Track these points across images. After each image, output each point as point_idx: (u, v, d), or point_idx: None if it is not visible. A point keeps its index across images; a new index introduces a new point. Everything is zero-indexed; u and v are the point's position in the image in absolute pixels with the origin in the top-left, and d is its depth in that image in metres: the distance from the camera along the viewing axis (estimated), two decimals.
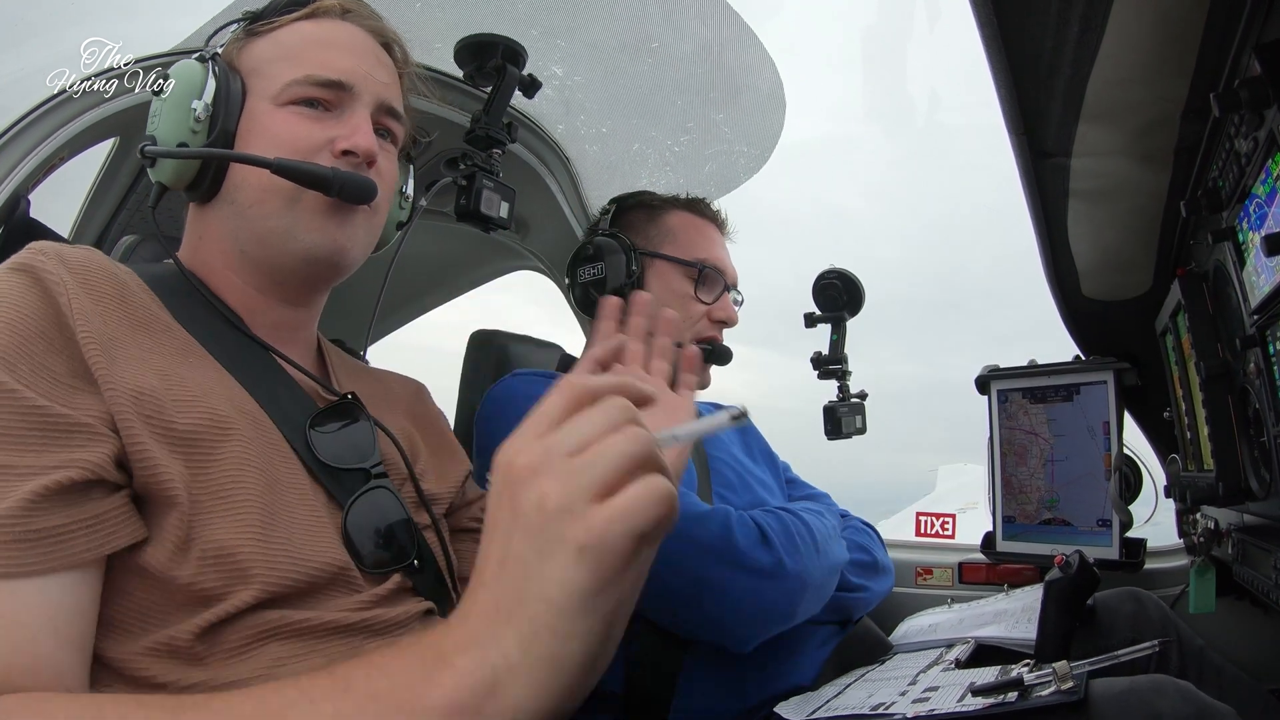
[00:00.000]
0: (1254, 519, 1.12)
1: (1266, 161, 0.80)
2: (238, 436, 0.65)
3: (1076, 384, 1.57)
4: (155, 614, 0.59)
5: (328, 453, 0.73)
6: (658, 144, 1.60)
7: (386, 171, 0.83)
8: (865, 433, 1.63)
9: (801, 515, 1.12)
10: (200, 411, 0.64)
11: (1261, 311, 0.88)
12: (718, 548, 0.99)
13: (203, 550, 0.59)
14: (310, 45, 0.80)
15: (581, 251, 1.35)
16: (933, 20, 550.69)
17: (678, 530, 1.00)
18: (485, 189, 1.26)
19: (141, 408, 0.60)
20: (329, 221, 0.76)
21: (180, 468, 0.60)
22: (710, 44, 1.35)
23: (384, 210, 0.85)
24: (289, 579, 0.63)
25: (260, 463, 0.66)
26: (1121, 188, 1.11)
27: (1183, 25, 0.80)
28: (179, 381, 0.65)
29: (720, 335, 1.34)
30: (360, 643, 0.65)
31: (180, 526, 0.59)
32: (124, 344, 0.64)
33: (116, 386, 0.60)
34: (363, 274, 1.00)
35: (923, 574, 1.73)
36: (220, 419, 0.65)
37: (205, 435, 0.63)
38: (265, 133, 0.76)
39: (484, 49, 1.27)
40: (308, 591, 0.64)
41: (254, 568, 0.61)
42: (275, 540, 0.63)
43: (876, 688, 1.05)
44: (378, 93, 0.81)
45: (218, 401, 0.66)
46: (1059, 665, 0.83)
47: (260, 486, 0.64)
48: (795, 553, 1.04)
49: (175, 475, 0.59)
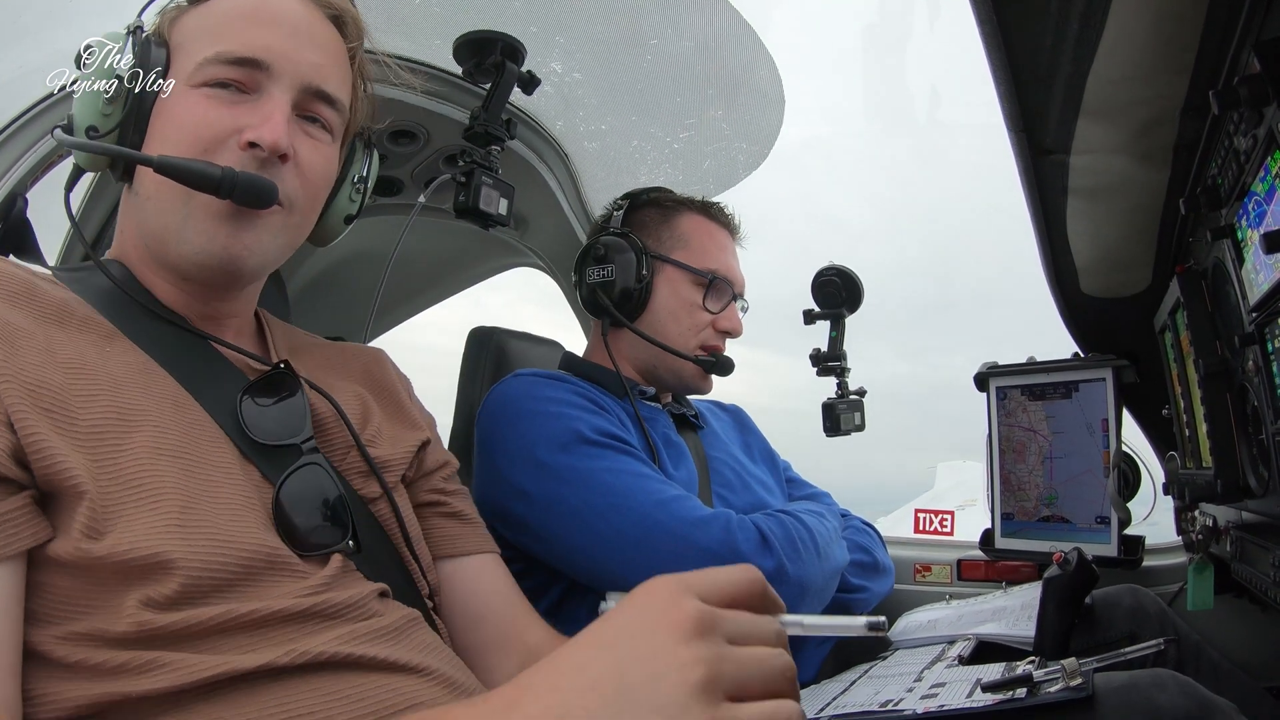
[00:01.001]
0: (1252, 516, 1.12)
1: (1266, 159, 0.80)
2: (148, 426, 0.62)
3: (1075, 381, 1.57)
4: (78, 603, 0.56)
5: (260, 428, 0.69)
6: (657, 140, 1.60)
7: (310, 165, 0.74)
8: (864, 430, 1.63)
9: (802, 518, 1.12)
10: (104, 404, 0.61)
11: (1260, 309, 0.88)
12: (718, 552, 0.99)
13: (113, 544, 0.56)
14: (234, 18, 0.72)
15: (591, 250, 1.32)
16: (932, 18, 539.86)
17: (678, 534, 1.01)
18: (484, 185, 1.26)
19: (39, 400, 0.57)
20: (221, 226, 0.69)
21: (84, 460, 0.57)
22: (709, 41, 1.35)
23: (309, 209, 0.77)
24: (214, 564, 0.59)
25: (176, 449, 0.62)
26: (1121, 185, 1.11)
27: (1182, 22, 0.80)
28: (89, 375, 0.62)
29: (723, 345, 1.34)
30: (314, 628, 0.62)
31: (90, 515, 0.56)
32: (29, 336, 0.60)
33: (13, 378, 0.57)
34: (361, 270, 1.00)
35: (921, 571, 1.73)
36: (127, 410, 0.62)
37: (110, 428, 0.60)
38: (172, 119, 0.70)
39: (483, 45, 1.27)
40: (243, 579, 0.60)
41: (174, 555, 0.57)
42: (195, 525, 0.60)
43: (882, 684, 1.05)
44: (302, 75, 0.72)
45: (131, 392, 0.63)
46: (1067, 662, 0.84)
47: (176, 472, 0.61)
48: (796, 557, 1.04)
49: (77, 466, 0.56)
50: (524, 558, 1.13)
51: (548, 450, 1.08)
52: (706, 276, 1.31)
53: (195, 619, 0.57)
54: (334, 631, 0.63)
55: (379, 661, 0.63)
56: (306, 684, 0.59)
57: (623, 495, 1.04)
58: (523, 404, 1.14)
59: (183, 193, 0.68)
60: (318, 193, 0.79)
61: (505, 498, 1.10)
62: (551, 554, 1.08)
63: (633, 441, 1.14)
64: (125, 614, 0.56)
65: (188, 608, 0.58)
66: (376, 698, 0.61)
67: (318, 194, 0.79)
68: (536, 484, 1.07)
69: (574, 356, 1.40)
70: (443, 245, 1.96)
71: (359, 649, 0.62)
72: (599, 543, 1.03)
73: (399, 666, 0.64)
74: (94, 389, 0.61)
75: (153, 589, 0.56)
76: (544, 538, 1.07)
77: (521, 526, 1.09)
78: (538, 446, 1.09)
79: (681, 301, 1.31)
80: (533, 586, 1.14)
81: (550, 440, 1.09)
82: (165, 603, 0.57)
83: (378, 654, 0.63)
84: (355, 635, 0.63)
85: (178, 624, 0.57)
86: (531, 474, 1.08)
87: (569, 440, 1.08)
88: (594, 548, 1.03)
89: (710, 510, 1.05)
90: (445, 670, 0.68)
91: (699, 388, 1.35)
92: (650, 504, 1.03)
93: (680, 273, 1.31)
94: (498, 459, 1.12)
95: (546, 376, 1.21)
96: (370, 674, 0.62)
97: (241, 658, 0.58)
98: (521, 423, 1.12)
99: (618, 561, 1.02)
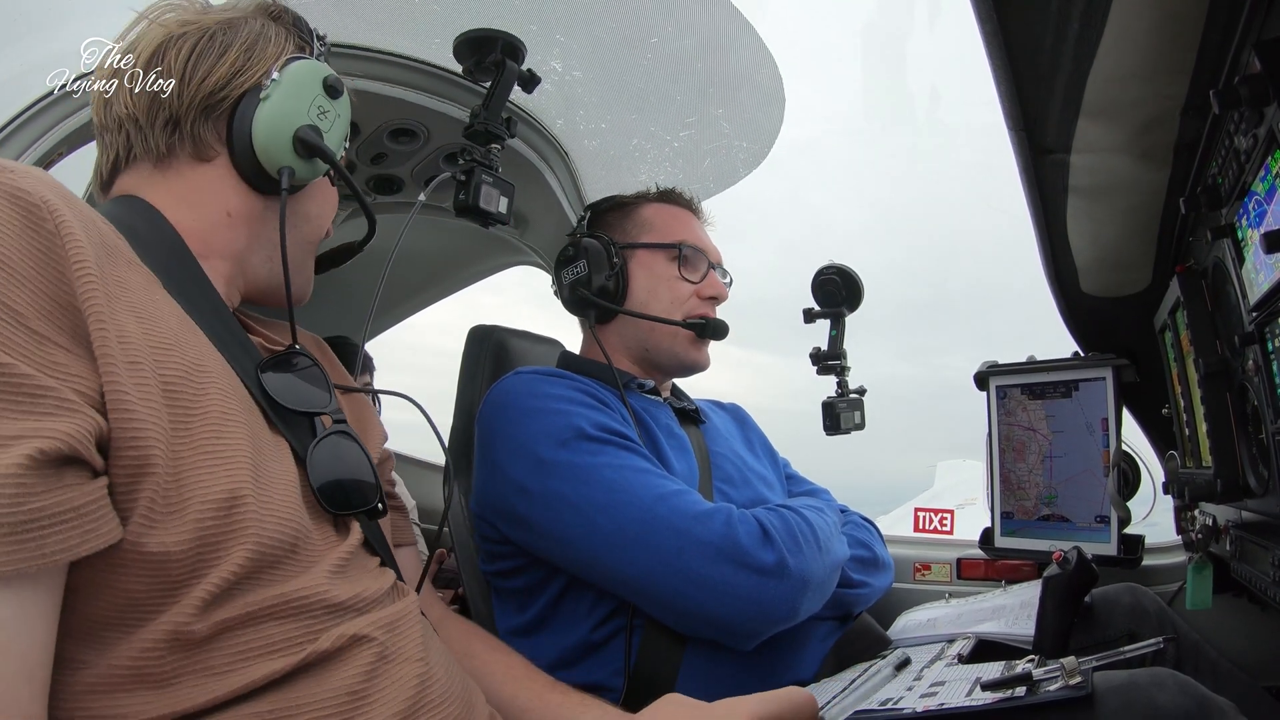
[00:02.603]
0: (1252, 516, 1.12)
1: (1266, 159, 0.80)
2: (215, 387, 0.59)
3: (1075, 380, 1.57)
4: (149, 602, 0.52)
5: (286, 396, 0.69)
6: (657, 139, 1.60)
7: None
8: (864, 428, 1.63)
9: (803, 513, 1.13)
10: (178, 359, 0.57)
11: (1260, 308, 0.88)
12: (720, 546, 1.00)
13: (199, 508, 0.53)
14: None
15: (563, 254, 1.37)
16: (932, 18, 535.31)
17: (679, 528, 1.01)
18: (484, 184, 1.26)
19: (126, 353, 0.53)
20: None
21: (163, 423, 0.53)
22: (709, 39, 1.35)
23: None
24: (274, 539, 0.58)
25: (239, 415, 0.61)
26: (1121, 184, 1.11)
27: (1183, 22, 0.80)
28: (155, 324, 0.58)
29: (713, 311, 1.35)
30: (350, 621, 0.62)
31: (156, 496, 0.52)
32: (106, 275, 0.55)
33: (108, 327, 0.52)
34: (361, 269, 1.00)
35: (921, 570, 1.73)
36: (197, 367, 0.59)
37: (184, 387, 0.57)
38: None
39: (483, 44, 1.27)
40: (286, 556, 0.60)
41: (250, 525, 0.56)
42: (263, 498, 0.59)
43: (882, 683, 1.05)
44: None
45: (194, 347, 0.60)
46: (1067, 661, 0.84)
47: (244, 439, 0.59)
48: (798, 551, 1.04)
49: (153, 431, 0.52)
50: (524, 554, 1.13)
51: (548, 447, 1.08)
52: (675, 247, 1.34)
53: (251, 605, 0.57)
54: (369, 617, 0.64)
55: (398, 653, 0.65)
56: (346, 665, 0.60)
57: (623, 490, 1.04)
58: (523, 401, 1.14)
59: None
60: None
61: (506, 495, 1.10)
62: (552, 550, 1.09)
63: (633, 436, 1.14)
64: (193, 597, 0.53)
65: (250, 591, 0.57)
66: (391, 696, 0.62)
67: None
68: (537, 480, 1.07)
69: (571, 355, 1.41)
70: (443, 243, 1.96)
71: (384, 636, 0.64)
72: (599, 538, 1.03)
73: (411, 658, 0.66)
74: (166, 339, 0.57)
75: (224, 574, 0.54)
76: (544, 534, 1.08)
77: (522, 523, 1.09)
78: (538, 443, 1.09)
79: (659, 278, 1.33)
80: (532, 583, 1.14)
81: (551, 436, 1.09)
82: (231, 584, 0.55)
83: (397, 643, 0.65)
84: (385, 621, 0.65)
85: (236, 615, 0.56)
86: (532, 471, 1.08)
87: (569, 436, 1.09)
88: (594, 543, 1.04)
89: (711, 505, 1.06)
90: (442, 662, 0.70)
91: (695, 360, 1.35)
92: (651, 499, 1.03)
93: (651, 253, 1.35)
94: (498, 456, 1.12)
95: (547, 374, 1.21)
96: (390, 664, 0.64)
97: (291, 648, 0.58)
98: (522, 420, 1.12)
99: (618, 556, 1.02)
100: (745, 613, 0.99)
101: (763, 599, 0.99)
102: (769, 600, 1.00)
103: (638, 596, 1.04)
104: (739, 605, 0.99)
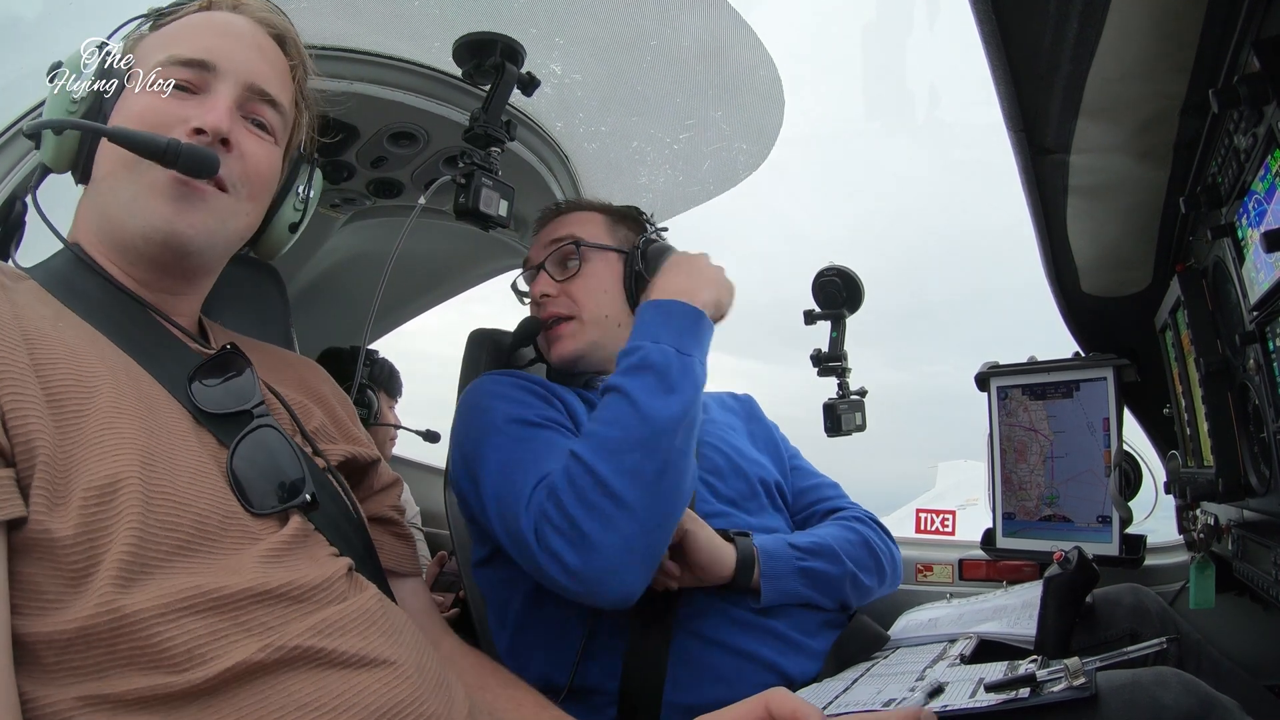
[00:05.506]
0: (1254, 515, 1.12)
1: (1266, 158, 0.80)
2: (105, 390, 0.64)
3: (1076, 380, 1.57)
4: (49, 592, 0.57)
5: (211, 402, 0.72)
6: (656, 141, 1.60)
7: (252, 155, 0.79)
8: (865, 430, 1.63)
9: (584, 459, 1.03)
10: (63, 370, 0.63)
11: (1261, 307, 0.88)
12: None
13: (83, 494, 0.58)
14: (185, 29, 0.80)
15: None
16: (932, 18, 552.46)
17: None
18: (484, 187, 1.26)
19: (9, 372, 0.60)
20: (168, 204, 0.73)
21: (49, 425, 0.59)
22: (709, 41, 1.35)
23: (251, 197, 0.81)
24: (169, 522, 0.61)
25: (135, 410, 0.65)
26: (1121, 184, 1.11)
27: (1182, 21, 0.80)
28: (47, 343, 0.64)
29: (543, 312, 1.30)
30: (285, 613, 0.63)
31: (47, 481, 0.57)
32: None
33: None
34: (361, 273, 1.00)
35: (923, 570, 1.73)
36: (86, 376, 0.64)
37: (71, 393, 0.62)
38: (128, 114, 0.75)
39: (482, 47, 1.27)
40: (199, 540, 0.62)
41: (134, 507, 0.59)
42: (155, 483, 0.61)
43: (884, 683, 1.05)
44: (245, 74, 0.78)
45: (87, 359, 0.66)
46: (1070, 661, 0.84)
47: (135, 430, 0.63)
48: (582, 539, 0.96)
49: (41, 427, 0.58)
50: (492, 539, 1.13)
51: (494, 431, 1.11)
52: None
53: (165, 595, 0.58)
54: (307, 621, 0.63)
55: (352, 658, 0.64)
56: (282, 689, 0.60)
57: (517, 464, 1.05)
58: (480, 400, 1.17)
59: (132, 170, 0.73)
60: (261, 183, 0.82)
61: (462, 484, 1.13)
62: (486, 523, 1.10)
63: (570, 428, 1.16)
64: (95, 595, 0.56)
65: (156, 574, 0.58)
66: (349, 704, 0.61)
67: (261, 184, 0.82)
68: (479, 461, 1.09)
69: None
70: (442, 247, 1.96)
71: (333, 643, 0.63)
72: (492, 503, 1.05)
73: (371, 661, 0.65)
74: (53, 356, 0.64)
75: (116, 558, 0.57)
76: (478, 510, 1.10)
77: (475, 507, 1.11)
78: (487, 431, 1.12)
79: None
80: (510, 575, 1.14)
81: (496, 424, 1.12)
82: (129, 570, 0.57)
83: (351, 649, 0.64)
84: (329, 625, 0.64)
85: (149, 605, 0.57)
86: (479, 454, 1.10)
87: (510, 421, 1.11)
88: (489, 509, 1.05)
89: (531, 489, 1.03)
90: (414, 658, 0.69)
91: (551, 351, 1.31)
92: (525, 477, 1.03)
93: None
94: (460, 451, 1.15)
95: (510, 375, 1.22)
96: (343, 671, 0.63)
97: (217, 647, 0.58)
98: (476, 415, 1.15)
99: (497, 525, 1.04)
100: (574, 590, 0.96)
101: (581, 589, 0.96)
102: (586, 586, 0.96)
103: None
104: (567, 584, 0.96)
